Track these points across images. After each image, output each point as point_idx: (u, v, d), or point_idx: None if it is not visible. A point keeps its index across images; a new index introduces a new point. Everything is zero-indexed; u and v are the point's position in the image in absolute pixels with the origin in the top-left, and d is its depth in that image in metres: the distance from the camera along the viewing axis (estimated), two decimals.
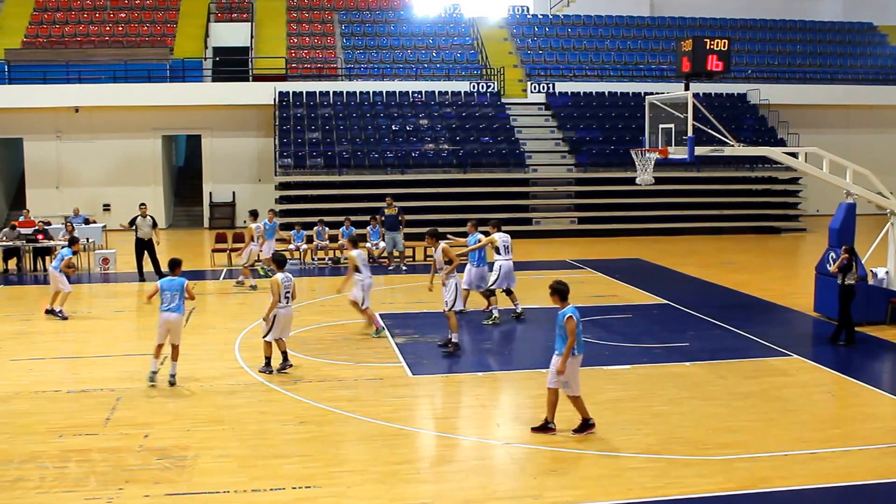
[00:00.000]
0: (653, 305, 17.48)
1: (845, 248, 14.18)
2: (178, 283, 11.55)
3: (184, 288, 11.56)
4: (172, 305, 11.47)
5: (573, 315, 9.37)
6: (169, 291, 11.49)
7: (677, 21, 39.98)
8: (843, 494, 8.31)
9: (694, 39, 15.98)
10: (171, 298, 11.48)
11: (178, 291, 11.51)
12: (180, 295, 11.52)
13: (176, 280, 11.60)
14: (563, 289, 9.57)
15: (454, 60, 36.11)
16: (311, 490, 8.24)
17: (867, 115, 37.42)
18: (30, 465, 8.84)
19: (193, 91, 33.13)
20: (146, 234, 20.70)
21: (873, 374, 12.90)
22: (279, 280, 12.00)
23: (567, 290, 9.60)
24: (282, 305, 12.02)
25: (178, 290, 11.52)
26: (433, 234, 13.89)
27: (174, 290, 11.50)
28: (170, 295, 11.48)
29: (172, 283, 11.55)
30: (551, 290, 9.61)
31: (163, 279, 11.70)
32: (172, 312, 11.49)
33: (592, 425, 9.66)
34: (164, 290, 11.49)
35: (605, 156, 31.38)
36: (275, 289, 11.96)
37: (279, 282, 11.98)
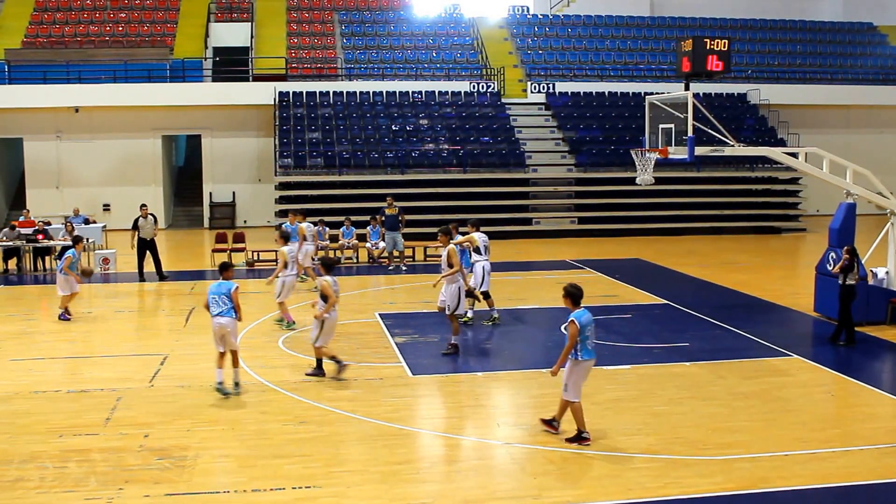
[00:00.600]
0: (653, 305, 17.47)
1: (847, 249, 14.18)
2: (226, 287, 11.13)
3: (230, 293, 11.10)
4: (223, 310, 11.03)
5: (576, 320, 9.17)
6: (217, 295, 11.09)
7: (677, 21, 39.98)
8: (843, 494, 8.31)
9: (694, 39, 15.98)
10: (221, 302, 11.06)
11: (225, 295, 11.07)
12: (228, 298, 11.07)
13: (224, 284, 11.20)
14: (575, 292, 9.39)
15: (454, 60, 36.11)
16: (311, 490, 8.24)
17: (867, 115, 37.42)
18: (30, 466, 8.84)
19: (193, 91, 33.14)
20: (148, 233, 20.73)
21: (873, 374, 12.90)
22: (331, 282, 11.73)
23: (580, 294, 9.40)
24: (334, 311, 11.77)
25: (226, 293, 11.08)
26: (446, 231, 13.86)
27: (222, 294, 11.08)
28: (218, 299, 11.07)
29: (220, 287, 11.15)
30: (565, 292, 9.44)
31: (212, 283, 11.33)
32: (223, 317, 11.02)
33: (587, 439, 9.35)
34: (212, 294, 11.12)
35: (605, 156, 31.39)
36: (329, 290, 11.65)
37: (331, 284, 11.72)
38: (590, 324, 9.28)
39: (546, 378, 12.00)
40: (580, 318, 9.21)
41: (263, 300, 18.55)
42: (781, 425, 10.06)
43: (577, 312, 9.28)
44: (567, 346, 9.23)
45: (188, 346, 14.22)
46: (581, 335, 9.18)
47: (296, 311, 15.92)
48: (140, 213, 20.89)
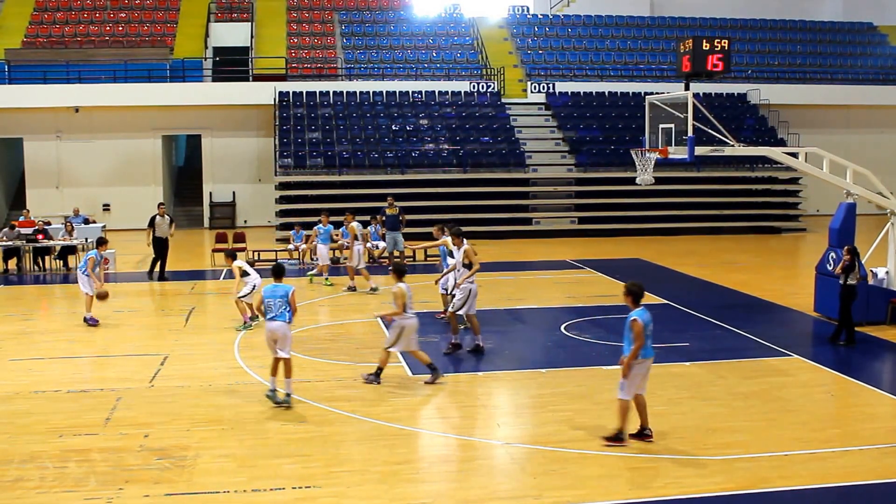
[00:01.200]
0: (653, 305, 17.41)
1: (847, 249, 14.17)
2: (283, 291, 10.70)
3: (288, 296, 10.67)
4: (277, 314, 10.61)
5: (638, 318, 9.13)
6: (272, 299, 10.66)
7: (677, 21, 39.98)
8: (843, 494, 8.30)
9: (694, 39, 15.98)
10: (276, 307, 10.63)
11: (282, 299, 10.63)
12: (285, 303, 10.62)
13: (280, 287, 10.76)
14: (637, 291, 9.31)
15: (454, 60, 36.11)
16: (311, 490, 8.24)
17: (867, 115, 37.42)
18: (30, 465, 8.84)
19: (193, 91, 33.14)
20: (164, 232, 20.87)
21: (873, 374, 12.90)
22: (405, 289, 11.46)
23: (641, 292, 9.34)
24: (408, 316, 11.53)
25: (283, 297, 10.65)
26: (458, 233, 13.79)
27: (277, 297, 10.65)
28: (273, 303, 10.64)
29: (276, 290, 10.70)
30: (626, 290, 9.39)
31: (266, 286, 10.91)
32: (275, 321, 10.61)
33: (623, 440, 9.29)
34: (267, 297, 10.68)
35: (605, 156, 31.39)
36: (400, 299, 11.41)
37: (405, 291, 11.45)
38: (650, 322, 9.26)
39: (546, 378, 12.03)
40: (642, 317, 9.16)
41: None
42: (781, 425, 10.06)
43: (637, 311, 9.23)
44: (635, 345, 9.13)
45: (188, 346, 14.22)
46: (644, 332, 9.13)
47: None
48: (157, 212, 20.96)
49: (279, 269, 11.18)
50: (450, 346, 13.42)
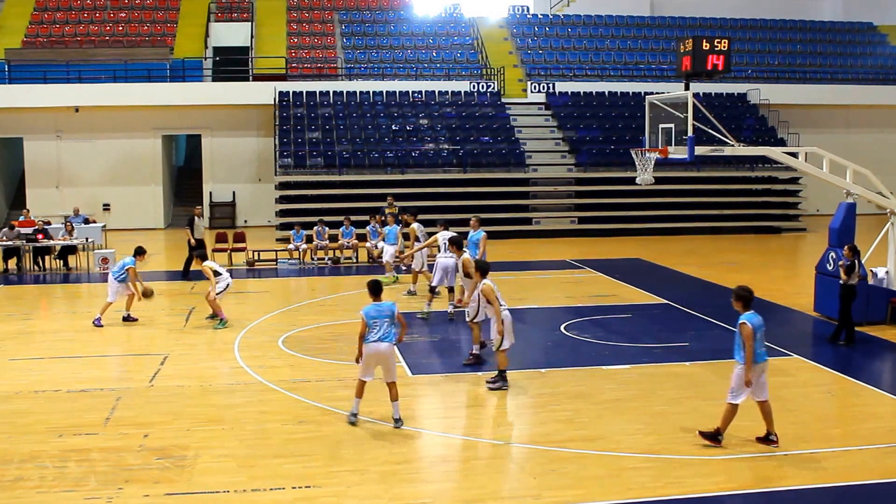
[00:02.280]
0: (653, 305, 17.47)
1: (849, 247, 14.15)
2: (388, 309, 9.88)
3: (394, 315, 9.91)
4: (384, 334, 9.79)
5: (746, 321, 9.06)
6: (378, 318, 9.78)
7: (677, 21, 39.97)
8: (843, 494, 8.31)
9: (694, 39, 15.97)
10: (382, 327, 9.78)
11: (388, 318, 9.83)
12: (391, 322, 9.83)
13: (382, 305, 9.90)
14: (746, 295, 9.25)
15: (454, 60, 36.10)
16: (311, 490, 8.24)
17: (867, 115, 37.40)
18: (30, 465, 8.84)
19: (193, 91, 33.13)
20: (200, 233, 20.93)
21: (873, 373, 12.90)
22: (492, 286, 11.28)
23: (751, 296, 9.26)
24: (504, 307, 11.31)
25: (389, 316, 9.86)
26: (456, 242, 13.69)
27: (384, 317, 9.81)
28: (380, 322, 9.78)
29: (381, 310, 9.86)
30: (735, 295, 9.32)
31: (367, 306, 9.91)
32: (383, 342, 9.78)
33: (720, 442, 9.26)
34: (371, 317, 9.78)
35: (605, 156, 31.38)
36: (492, 295, 11.22)
37: (493, 287, 11.27)
38: (761, 327, 9.16)
39: (546, 378, 12.03)
40: (751, 321, 9.09)
41: (263, 299, 18.57)
42: (781, 425, 10.04)
43: (747, 315, 9.16)
44: (748, 349, 9.03)
45: (188, 345, 14.22)
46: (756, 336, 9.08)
47: (248, 311, 15.87)
48: (195, 213, 21.09)
49: (377, 287, 10.15)
50: (471, 356, 12.89)
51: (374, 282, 10.20)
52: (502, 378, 11.50)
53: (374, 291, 10.07)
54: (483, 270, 11.70)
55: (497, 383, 11.47)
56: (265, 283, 20.48)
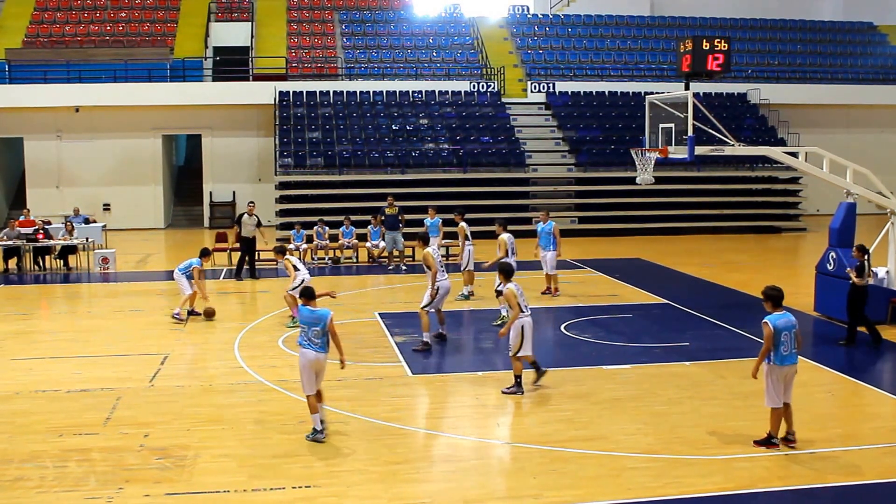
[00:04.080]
0: (653, 305, 17.47)
1: (857, 248, 14.09)
2: (320, 317, 9.43)
3: (326, 324, 9.39)
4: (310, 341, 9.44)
5: (769, 322, 9.04)
6: (307, 326, 9.46)
7: (677, 21, 39.97)
8: (843, 494, 8.31)
9: (694, 39, 15.98)
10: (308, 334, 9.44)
11: (318, 327, 9.38)
12: (322, 330, 9.36)
13: (317, 311, 9.51)
14: (776, 294, 9.23)
15: (454, 60, 36.10)
16: (311, 490, 8.24)
17: (867, 114, 37.40)
18: (30, 465, 8.84)
19: (194, 91, 33.13)
20: (250, 232, 20.83)
21: (874, 373, 12.90)
22: (515, 290, 11.12)
23: (780, 295, 9.23)
24: (525, 315, 11.20)
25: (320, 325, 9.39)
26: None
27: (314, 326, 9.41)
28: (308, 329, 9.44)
29: (314, 316, 9.48)
30: (764, 295, 9.32)
31: (303, 310, 9.61)
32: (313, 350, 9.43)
33: (776, 444, 9.21)
34: (304, 322, 9.51)
35: (605, 155, 31.39)
36: (513, 300, 11.08)
37: (515, 292, 11.11)
38: (787, 329, 9.07)
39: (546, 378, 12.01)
40: (774, 322, 9.05)
41: (263, 299, 18.58)
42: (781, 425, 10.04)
43: (772, 315, 9.12)
44: (763, 348, 9.07)
45: (189, 345, 14.22)
46: (775, 339, 9.01)
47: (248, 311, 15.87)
48: (246, 210, 21.00)
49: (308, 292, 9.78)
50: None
51: (308, 288, 9.86)
52: (517, 385, 11.29)
53: (308, 296, 9.66)
54: (507, 273, 11.62)
55: (511, 388, 11.29)
56: (265, 283, 20.47)
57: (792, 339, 9.12)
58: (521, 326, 11.18)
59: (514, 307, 11.13)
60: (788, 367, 9.13)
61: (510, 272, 11.64)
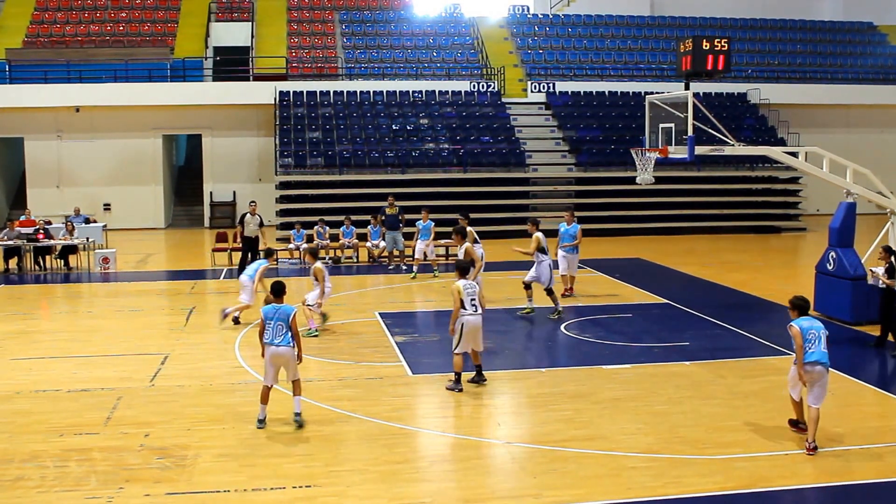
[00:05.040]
0: (653, 305, 17.48)
1: (884, 249, 14.00)
2: (284, 312, 9.84)
3: (289, 319, 9.79)
4: (275, 337, 9.81)
5: (794, 323, 9.52)
6: (274, 321, 9.81)
7: (677, 21, 39.97)
8: (844, 494, 8.32)
9: (694, 39, 15.98)
10: (274, 329, 9.79)
11: (283, 321, 9.78)
12: (286, 326, 9.77)
13: (282, 308, 9.89)
14: (801, 304, 9.77)
15: (454, 60, 36.11)
16: (311, 489, 8.25)
17: (867, 114, 37.41)
18: (30, 465, 8.85)
19: (194, 90, 33.14)
20: (253, 231, 20.77)
21: (873, 373, 12.90)
22: (461, 286, 11.23)
23: (806, 305, 9.80)
24: (468, 313, 11.25)
25: (284, 320, 9.79)
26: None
27: (278, 320, 9.80)
28: (273, 325, 9.80)
29: (278, 312, 9.85)
30: (791, 304, 9.81)
31: (266, 306, 10.03)
32: (280, 346, 9.81)
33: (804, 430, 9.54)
34: (268, 318, 9.84)
35: (606, 155, 31.39)
36: (456, 295, 11.20)
37: (461, 288, 11.22)
38: (812, 329, 9.50)
39: (546, 377, 12.04)
40: (799, 323, 9.52)
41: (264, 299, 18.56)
42: (781, 425, 10.07)
43: (796, 319, 9.60)
44: (797, 349, 9.45)
45: (189, 345, 14.23)
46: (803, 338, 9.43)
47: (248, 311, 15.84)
48: (248, 210, 20.96)
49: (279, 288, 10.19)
50: None
51: (278, 283, 10.27)
52: (456, 381, 11.43)
53: (276, 293, 10.16)
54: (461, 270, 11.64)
55: (450, 384, 11.46)
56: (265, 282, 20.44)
57: (819, 337, 9.49)
58: (461, 324, 11.24)
59: (455, 303, 11.20)
60: (817, 365, 9.40)
61: (464, 269, 11.60)
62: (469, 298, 11.25)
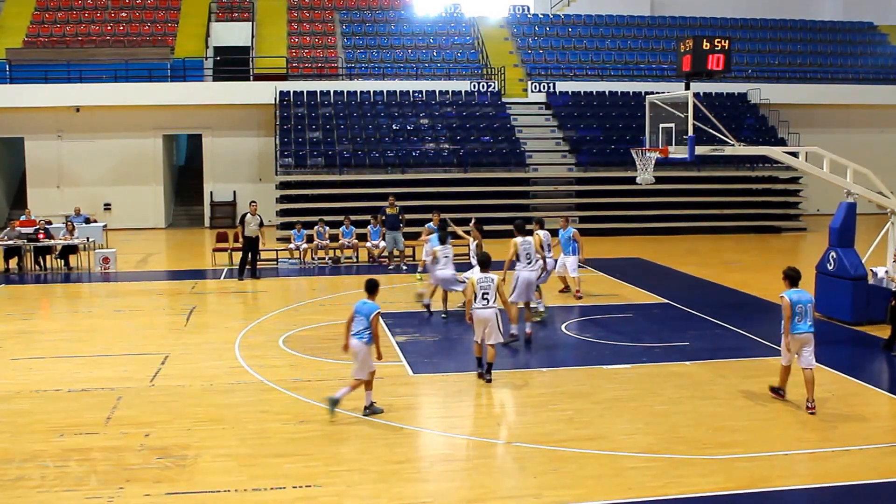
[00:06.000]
0: (653, 305, 17.48)
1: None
2: (367, 309, 10.27)
3: (370, 316, 10.19)
4: (357, 331, 10.23)
5: (784, 295, 10.35)
6: (358, 316, 10.28)
7: (677, 21, 39.98)
8: (843, 494, 8.31)
9: (694, 39, 15.96)
10: (358, 324, 10.25)
11: (364, 317, 10.21)
12: (366, 322, 10.17)
13: (368, 304, 10.33)
14: (793, 275, 10.56)
15: (455, 60, 36.11)
16: (312, 489, 8.25)
17: (867, 114, 37.41)
18: (30, 465, 8.85)
19: (194, 90, 33.15)
20: (253, 231, 20.74)
21: (873, 373, 12.90)
22: (475, 280, 11.69)
23: (797, 276, 10.56)
24: (477, 306, 11.58)
25: (365, 316, 10.22)
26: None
27: (361, 315, 10.25)
28: (358, 319, 10.27)
29: (364, 308, 10.31)
30: (784, 275, 10.59)
31: (358, 302, 10.46)
32: (355, 338, 10.23)
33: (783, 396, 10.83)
34: (356, 312, 10.30)
35: (606, 155, 31.39)
36: (470, 288, 11.70)
37: (475, 281, 11.67)
38: (801, 302, 10.32)
39: (546, 378, 12.05)
40: (790, 296, 10.35)
41: (264, 299, 18.58)
42: (781, 425, 10.07)
43: (788, 291, 10.42)
44: (784, 319, 10.34)
45: (189, 345, 14.23)
46: (792, 311, 10.27)
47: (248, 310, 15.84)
48: (248, 210, 20.96)
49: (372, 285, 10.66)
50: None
51: (371, 280, 10.73)
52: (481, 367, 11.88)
53: (368, 290, 10.60)
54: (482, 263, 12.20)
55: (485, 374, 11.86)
56: (265, 282, 20.49)
57: (806, 311, 10.35)
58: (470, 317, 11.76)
59: (468, 295, 11.75)
60: (801, 335, 10.36)
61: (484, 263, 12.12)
62: (482, 292, 11.59)
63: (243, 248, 20.90)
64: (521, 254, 13.73)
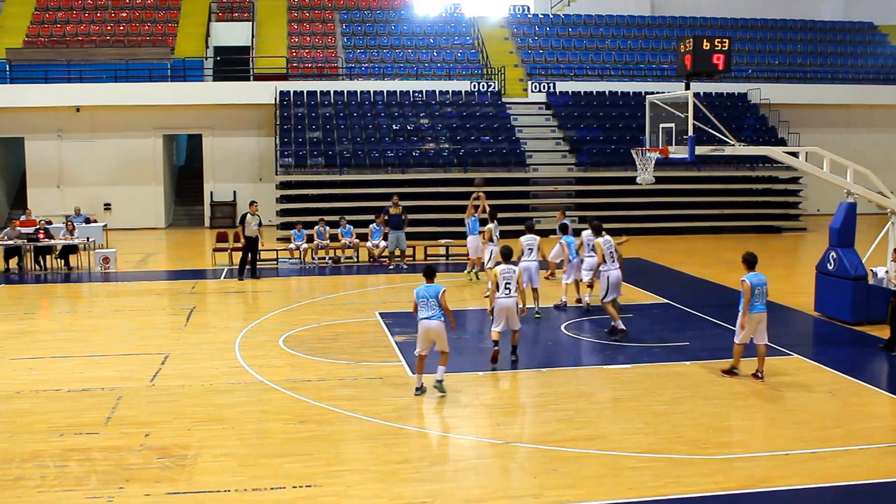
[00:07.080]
0: (653, 305, 17.48)
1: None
2: (434, 290, 11.07)
3: (439, 296, 11.03)
4: (430, 313, 11.04)
5: (746, 279, 11.46)
6: (426, 298, 11.09)
7: (678, 21, 39.97)
8: (843, 494, 8.32)
9: (694, 39, 15.96)
10: (428, 306, 11.05)
11: (434, 298, 11.02)
12: (437, 302, 11.01)
13: (432, 287, 11.15)
14: (750, 259, 11.73)
15: (455, 60, 36.10)
16: (312, 489, 8.26)
17: (867, 114, 37.40)
18: (30, 464, 8.85)
19: (194, 90, 33.13)
20: (253, 231, 20.72)
21: (873, 373, 12.90)
22: (498, 271, 12.29)
23: (754, 260, 11.74)
24: (500, 295, 12.23)
25: (434, 297, 11.02)
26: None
27: (430, 297, 11.06)
28: (426, 302, 11.07)
29: (429, 290, 11.12)
30: (742, 259, 11.78)
31: (419, 287, 11.26)
32: (431, 320, 11.04)
33: (736, 374, 11.84)
34: (421, 296, 11.12)
35: (606, 155, 31.39)
36: (493, 278, 12.37)
37: (498, 272, 12.27)
38: (759, 285, 11.44)
39: (546, 378, 12.05)
40: (750, 279, 11.45)
41: (264, 299, 18.58)
42: (781, 425, 10.08)
43: (748, 275, 11.51)
44: (744, 301, 11.44)
45: (189, 345, 14.23)
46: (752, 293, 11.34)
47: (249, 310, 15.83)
48: (249, 210, 20.95)
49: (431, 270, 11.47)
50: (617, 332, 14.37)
51: (429, 266, 11.60)
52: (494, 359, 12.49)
53: (427, 275, 11.36)
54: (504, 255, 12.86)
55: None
56: (266, 282, 20.48)
57: (763, 293, 11.52)
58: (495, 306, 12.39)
59: (492, 285, 12.45)
60: (758, 314, 11.49)
61: (506, 255, 12.82)
62: (504, 282, 12.24)
63: (244, 248, 20.89)
64: (605, 255, 14.67)
